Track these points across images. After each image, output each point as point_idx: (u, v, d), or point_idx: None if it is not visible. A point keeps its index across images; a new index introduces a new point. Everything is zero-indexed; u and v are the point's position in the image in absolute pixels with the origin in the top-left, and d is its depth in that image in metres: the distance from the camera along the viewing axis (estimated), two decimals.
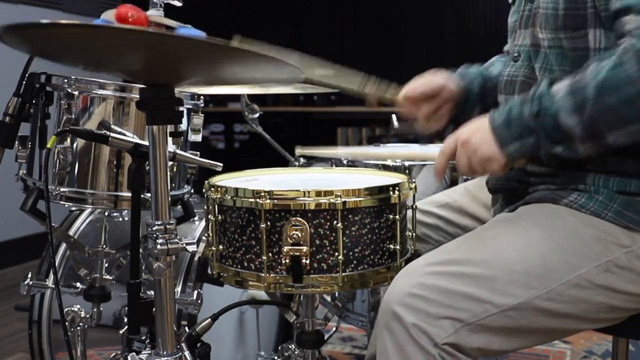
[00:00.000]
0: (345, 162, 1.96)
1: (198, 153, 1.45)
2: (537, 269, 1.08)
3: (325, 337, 1.39)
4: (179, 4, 1.18)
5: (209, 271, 1.26)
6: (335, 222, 1.14)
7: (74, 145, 1.36)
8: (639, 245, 1.10)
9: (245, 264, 1.19)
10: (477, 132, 1.14)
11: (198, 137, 1.50)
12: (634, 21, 1.04)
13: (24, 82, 1.37)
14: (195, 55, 0.99)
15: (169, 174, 1.11)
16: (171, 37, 0.94)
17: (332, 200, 1.13)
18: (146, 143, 1.17)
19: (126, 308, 1.37)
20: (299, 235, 1.13)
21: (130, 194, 1.19)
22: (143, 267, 1.41)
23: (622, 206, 1.11)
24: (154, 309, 1.13)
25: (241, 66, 1.04)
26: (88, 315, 1.56)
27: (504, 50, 1.59)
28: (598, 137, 1.04)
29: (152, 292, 1.13)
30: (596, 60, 1.05)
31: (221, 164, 1.34)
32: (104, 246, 1.57)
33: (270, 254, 1.15)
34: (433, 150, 1.32)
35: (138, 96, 1.10)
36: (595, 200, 1.13)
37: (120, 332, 1.52)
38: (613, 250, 1.10)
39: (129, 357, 1.15)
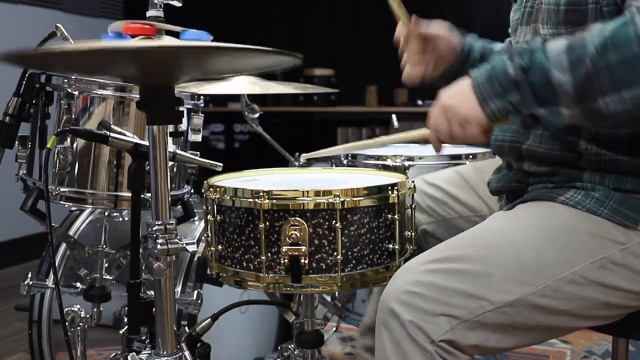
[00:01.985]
0: (345, 162, 1.96)
1: (198, 153, 1.45)
2: (532, 266, 1.08)
3: (325, 337, 1.39)
4: (179, 4, 1.18)
5: (209, 271, 1.27)
6: (334, 221, 1.14)
7: (74, 145, 1.36)
8: (634, 243, 1.10)
9: (244, 264, 1.19)
10: (459, 94, 1.09)
11: (198, 137, 1.50)
12: None
13: (24, 82, 1.38)
14: (193, 60, 1.00)
15: (169, 174, 1.11)
16: (166, 49, 0.95)
17: (330, 200, 1.13)
18: (146, 143, 1.17)
19: (126, 308, 1.37)
20: (298, 235, 1.13)
21: (130, 194, 1.20)
22: (143, 267, 1.41)
23: (617, 203, 1.12)
24: (154, 309, 1.13)
25: (238, 61, 1.04)
26: (88, 315, 1.56)
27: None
28: (589, 99, 0.98)
29: (152, 292, 1.13)
30: (600, 23, 1.00)
31: (221, 164, 1.34)
32: (104, 246, 1.57)
33: (269, 254, 1.16)
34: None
35: (138, 96, 1.10)
36: (592, 198, 1.13)
37: (120, 332, 1.52)
38: (608, 247, 1.10)
39: (129, 357, 1.15)
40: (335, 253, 1.15)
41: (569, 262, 1.09)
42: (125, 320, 1.60)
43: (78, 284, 1.63)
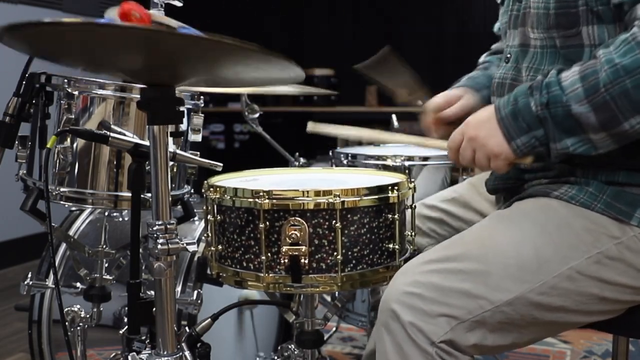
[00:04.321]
0: (345, 162, 1.96)
1: (198, 153, 1.45)
2: (530, 263, 1.09)
3: (325, 337, 1.39)
4: (180, 4, 1.18)
5: (209, 271, 1.27)
6: (334, 221, 1.14)
7: (74, 145, 1.36)
8: (629, 237, 1.11)
9: (244, 264, 1.19)
10: (484, 125, 1.13)
11: (198, 137, 1.50)
12: None
13: (24, 82, 1.38)
14: (196, 53, 0.99)
15: (169, 174, 1.11)
16: (172, 35, 0.94)
17: (330, 200, 1.13)
18: (146, 143, 1.17)
19: (126, 308, 1.37)
20: (298, 235, 1.13)
21: (130, 194, 1.20)
22: (143, 267, 1.41)
23: (611, 197, 1.12)
24: (154, 309, 1.14)
25: (243, 66, 1.04)
26: (88, 315, 1.56)
27: (491, 49, 1.60)
28: (613, 124, 1.02)
29: (152, 292, 1.13)
30: (603, 47, 1.04)
31: (221, 164, 1.34)
32: (104, 246, 1.57)
33: (269, 254, 1.16)
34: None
35: (138, 96, 1.11)
36: (585, 192, 1.13)
37: (120, 332, 1.52)
38: (603, 241, 1.11)
39: (129, 357, 1.15)
40: (335, 253, 1.15)
41: (566, 258, 1.09)
42: (125, 320, 1.60)
43: (78, 284, 1.63)
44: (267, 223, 1.15)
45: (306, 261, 1.14)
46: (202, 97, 1.52)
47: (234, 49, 0.93)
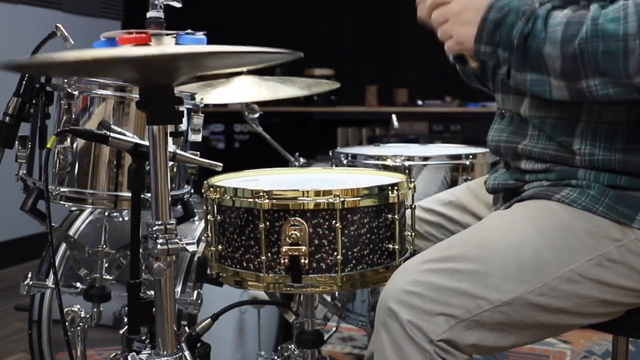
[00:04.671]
0: (345, 162, 1.96)
1: (198, 153, 1.45)
2: (530, 264, 1.09)
3: (325, 337, 1.39)
4: (179, 5, 1.18)
5: (209, 271, 1.27)
6: (334, 221, 1.14)
7: (74, 145, 1.36)
8: (630, 239, 1.11)
9: (244, 264, 1.19)
10: (471, 10, 1.13)
11: (198, 137, 1.50)
12: None
13: (24, 82, 1.38)
14: (190, 61, 1.00)
15: (169, 174, 1.11)
16: (166, 58, 0.95)
17: (330, 200, 1.13)
18: (146, 143, 1.17)
19: (126, 308, 1.37)
20: (298, 235, 1.14)
21: (130, 194, 1.20)
22: (143, 267, 1.41)
23: (613, 200, 1.12)
24: (154, 309, 1.13)
25: (236, 61, 1.05)
26: (88, 315, 1.56)
27: None
28: (574, 77, 1.04)
29: (152, 292, 1.13)
30: (600, 6, 1.04)
31: (221, 164, 1.34)
32: (104, 246, 1.57)
33: (269, 254, 1.16)
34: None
35: (138, 96, 1.10)
36: (587, 195, 1.13)
37: (120, 332, 1.52)
38: (605, 244, 1.10)
39: (129, 357, 1.15)
40: (335, 253, 1.15)
41: (566, 260, 1.09)
42: (125, 320, 1.60)
43: (78, 284, 1.63)
44: (267, 223, 1.15)
45: (306, 261, 1.14)
46: (202, 97, 1.51)
47: (229, 55, 0.94)
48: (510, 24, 1.08)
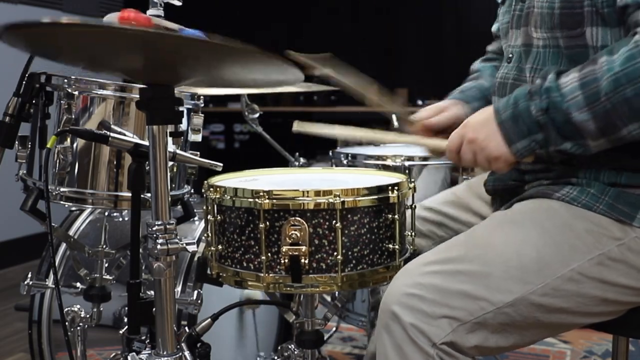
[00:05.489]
0: (345, 162, 1.96)
1: (198, 153, 1.45)
2: (532, 264, 1.08)
3: (325, 337, 1.39)
4: (179, 4, 1.18)
5: (209, 271, 1.27)
6: (334, 221, 1.14)
7: (74, 145, 1.36)
8: (631, 238, 1.11)
9: (245, 264, 1.19)
10: (484, 127, 1.14)
11: (198, 137, 1.50)
12: None
13: (24, 82, 1.38)
14: (195, 55, 0.99)
15: (169, 174, 1.11)
16: (170, 36, 0.94)
17: (331, 200, 1.13)
18: (146, 143, 1.17)
19: (126, 308, 1.37)
20: (298, 235, 1.13)
21: (130, 194, 1.20)
22: (143, 267, 1.41)
23: (613, 199, 1.12)
24: (154, 309, 1.13)
25: (242, 67, 1.04)
26: (88, 315, 1.56)
27: (487, 51, 1.60)
28: (612, 131, 1.04)
29: (152, 292, 1.13)
30: (606, 54, 1.04)
31: (221, 164, 1.34)
32: (104, 246, 1.57)
33: (269, 254, 1.16)
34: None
35: (138, 96, 1.10)
36: (587, 194, 1.13)
37: (120, 332, 1.52)
38: (605, 243, 1.10)
39: (129, 357, 1.15)
40: (335, 253, 1.15)
41: (568, 260, 1.09)
42: (125, 320, 1.60)
43: (78, 284, 1.63)
44: (267, 223, 1.15)
45: (306, 261, 1.14)
46: (201, 97, 1.52)
47: (232, 51, 0.93)
48: (524, 110, 1.08)
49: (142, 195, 1.20)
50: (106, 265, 1.58)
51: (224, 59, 1.01)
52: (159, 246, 1.09)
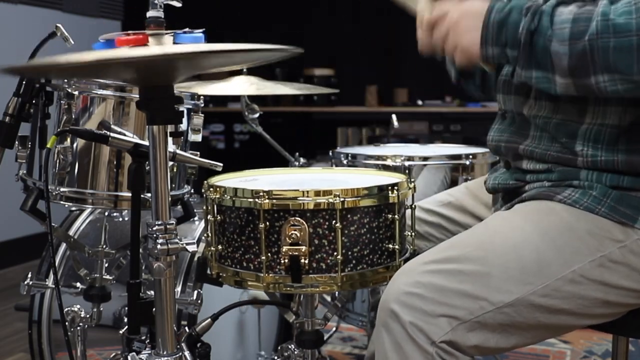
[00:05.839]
0: (345, 162, 1.96)
1: (198, 153, 1.45)
2: (532, 265, 1.08)
3: (325, 337, 1.39)
4: (179, 5, 1.18)
5: (209, 271, 1.27)
6: (334, 221, 1.14)
7: (74, 145, 1.36)
8: (633, 240, 1.11)
9: (244, 264, 1.19)
10: (470, 17, 1.12)
11: (198, 137, 1.50)
12: None
13: (24, 82, 1.38)
14: (189, 61, 1.00)
15: (169, 174, 1.11)
16: (164, 58, 0.95)
17: (330, 200, 1.13)
18: (146, 143, 1.17)
19: (126, 308, 1.37)
20: (298, 235, 1.13)
21: (130, 194, 1.20)
22: (143, 267, 1.41)
23: (615, 201, 1.12)
24: (154, 309, 1.13)
25: (230, 55, 1.05)
26: (88, 315, 1.56)
27: None
28: (582, 74, 1.03)
29: (152, 292, 1.13)
30: (609, 1, 1.02)
31: (221, 164, 1.34)
32: (104, 246, 1.57)
33: (269, 254, 1.16)
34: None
35: (138, 96, 1.10)
36: (589, 196, 1.13)
37: (120, 332, 1.52)
38: (607, 245, 1.10)
39: (129, 357, 1.15)
40: (335, 253, 1.15)
41: (569, 261, 1.09)
42: (125, 320, 1.60)
43: (78, 284, 1.63)
44: (267, 223, 1.15)
45: (306, 261, 1.14)
46: (201, 97, 1.52)
47: (227, 53, 0.94)
48: (514, 22, 1.07)
49: (142, 195, 1.20)
50: (106, 265, 1.58)
51: (217, 58, 1.02)
52: (159, 246, 1.09)
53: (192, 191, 1.54)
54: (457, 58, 1.15)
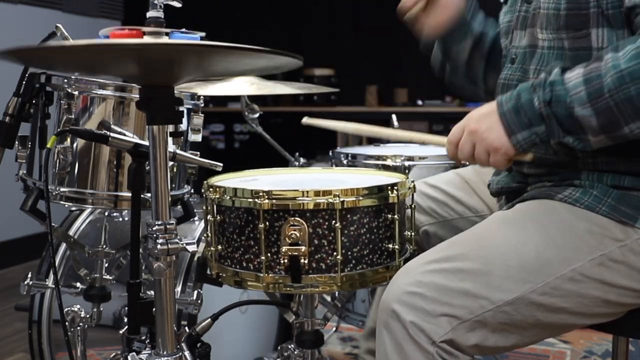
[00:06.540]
0: (345, 162, 1.96)
1: (198, 153, 1.45)
2: (532, 264, 1.09)
3: (325, 337, 1.39)
4: (179, 5, 1.18)
5: (209, 271, 1.27)
6: (333, 221, 1.14)
7: (74, 145, 1.36)
8: (633, 239, 1.11)
9: (244, 264, 1.19)
10: (486, 119, 1.12)
11: (198, 137, 1.50)
12: None
13: (24, 82, 1.38)
14: (190, 57, 1.00)
15: (169, 174, 1.11)
16: (161, 46, 0.95)
17: (330, 200, 1.13)
18: (146, 143, 1.17)
19: (126, 308, 1.37)
20: (298, 235, 1.13)
21: (130, 194, 1.20)
22: (143, 267, 1.41)
23: (616, 200, 1.12)
24: (154, 309, 1.14)
25: (237, 59, 1.05)
26: (88, 315, 1.56)
27: None
28: (613, 128, 1.04)
29: (152, 292, 1.13)
30: (612, 51, 1.04)
31: (221, 164, 1.34)
32: (104, 246, 1.57)
33: (268, 254, 1.16)
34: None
35: (138, 96, 1.10)
36: (590, 195, 1.13)
37: (120, 332, 1.52)
38: (607, 244, 1.10)
39: (129, 357, 1.15)
40: (335, 253, 1.15)
41: (569, 260, 1.09)
42: (125, 320, 1.60)
43: (78, 284, 1.63)
44: (267, 223, 1.15)
45: (306, 261, 1.14)
46: (202, 97, 1.52)
47: (229, 52, 0.94)
48: (527, 102, 1.07)
49: (142, 195, 1.20)
50: (106, 265, 1.58)
51: (216, 57, 1.02)
52: (159, 246, 1.09)
53: (192, 191, 1.54)
54: (494, 162, 1.13)
